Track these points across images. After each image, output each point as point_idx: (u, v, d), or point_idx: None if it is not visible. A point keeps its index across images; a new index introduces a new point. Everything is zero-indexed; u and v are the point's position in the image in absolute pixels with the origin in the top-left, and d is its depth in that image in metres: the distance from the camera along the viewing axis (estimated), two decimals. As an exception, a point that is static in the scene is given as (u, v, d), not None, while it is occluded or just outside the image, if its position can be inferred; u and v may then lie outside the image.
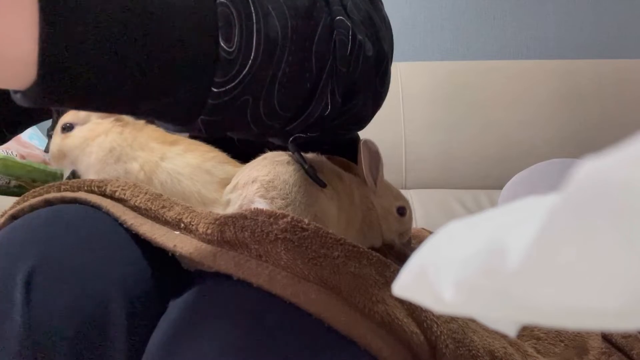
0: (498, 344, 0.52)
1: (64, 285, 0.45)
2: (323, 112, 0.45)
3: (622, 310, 0.17)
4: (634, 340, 0.65)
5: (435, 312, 0.19)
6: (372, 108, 0.53)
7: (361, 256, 0.48)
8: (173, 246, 0.48)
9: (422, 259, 0.21)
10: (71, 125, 0.66)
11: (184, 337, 0.43)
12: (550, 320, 0.19)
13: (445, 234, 0.21)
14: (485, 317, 0.21)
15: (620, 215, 0.15)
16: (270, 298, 0.43)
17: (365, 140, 0.62)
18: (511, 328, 0.21)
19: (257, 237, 0.46)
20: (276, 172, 0.58)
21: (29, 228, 0.49)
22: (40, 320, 0.44)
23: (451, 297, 0.20)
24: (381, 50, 0.50)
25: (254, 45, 0.37)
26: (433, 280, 0.20)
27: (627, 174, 0.15)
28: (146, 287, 0.50)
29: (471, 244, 0.19)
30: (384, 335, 0.45)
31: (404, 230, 0.64)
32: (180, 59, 0.34)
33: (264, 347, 0.41)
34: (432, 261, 0.21)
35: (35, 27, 0.29)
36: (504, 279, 0.18)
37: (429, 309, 0.21)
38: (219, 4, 0.35)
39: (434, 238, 0.22)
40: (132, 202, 0.53)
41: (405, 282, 0.22)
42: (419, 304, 0.22)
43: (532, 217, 0.17)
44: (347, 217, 0.61)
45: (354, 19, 0.47)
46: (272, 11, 0.38)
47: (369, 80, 0.49)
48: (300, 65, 0.41)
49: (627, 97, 1.73)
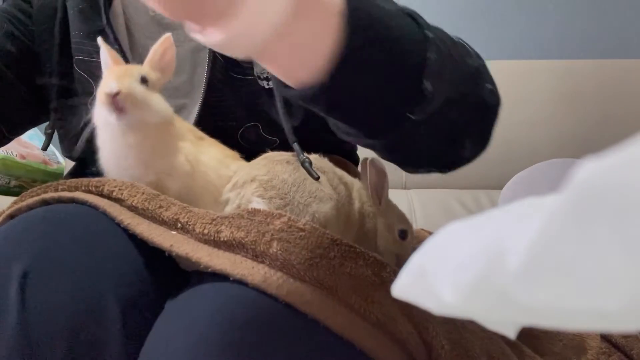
0: (495, 345, 0.52)
1: (59, 284, 0.45)
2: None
3: (622, 312, 0.17)
4: (634, 340, 0.65)
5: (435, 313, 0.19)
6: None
7: (358, 257, 0.48)
8: (170, 246, 0.48)
9: (422, 260, 0.21)
10: (147, 80, 0.60)
11: (180, 337, 0.43)
12: (550, 321, 0.19)
13: (446, 235, 0.21)
14: (484, 318, 0.21)
15: (620, 217, 0.15)
16: (266, 298, 0.43)
17: (372, 159, 0.61)
18: (511, 329, 0.21)
19: (253, 237, 0.47)
20: (275, 172, 0.58)
21: (25, 227, 0.49)
22: (35, 318, 0.44)
23: (451, 298, 0.19)
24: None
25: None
26: (433, 281, 0.20)
27: (626, 175, 0.15)
28: (142, 286, 0.50)
29: (471, 246, 0.19)
30: (380, 336, 0.45)
31: (403, 253, 0.63)
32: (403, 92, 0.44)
33: (260, 347, 0.41)
34: (432, 262, 0.21)
35: (336, 32, 0.38)
36: (504, 280, 0.18)
37: (429, 310, 0.21)
38: (427, 58, 0.44)
39: (434, 239, 0.22)
40: (129, 202, 0.53)
41: (404, 282, 0.22)
42: (418, 305, 0.22)
43: (532, 218, 0.17)
44: (346, 220, 0.61)
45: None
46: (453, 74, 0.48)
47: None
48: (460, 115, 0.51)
49: (627, 97, 1.73)
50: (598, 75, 1.76)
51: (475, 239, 0.19)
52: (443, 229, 0.22)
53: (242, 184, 0.59)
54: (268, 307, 0.43)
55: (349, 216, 0.62)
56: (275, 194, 0.56)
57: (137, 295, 0.49)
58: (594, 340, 0.62)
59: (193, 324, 0.43)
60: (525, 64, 1.80)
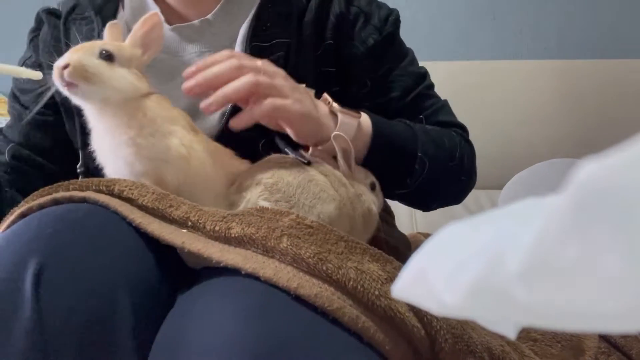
0: (496, 342, 0.53)
1: (72, 282, 0.46)
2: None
3: (621, 313, 0.17)
4: (634, 340, 0.65)
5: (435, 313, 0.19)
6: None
7: (364, 252, 0.50)
8: (182, 243, 0.49)
9: (422, 261, 0.21)
10: (111, 54, 0.60)
11: (192, 327, 0.44)
12: (549, 322, 0.19)
13: (446, 236, 0.21)
14: (484, 319, 0.21)
15: (620, 218, 0.15)
16: (276, 291, 0.44)
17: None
18: (510, 330, 0.21)
19: (263, 233, 0.48)
20: (280, 175, 0.59)
21: (39, 225, 0.49)
22: (49, 315, 0.44)
23: (451, 299, 0.19)
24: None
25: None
26: (433, 282, 0.20)
27: (626, 177, 0.15)
28: (153, 284, 0.50)
29: (471, 246, 0.19)
30: (387, 329, 0.46)
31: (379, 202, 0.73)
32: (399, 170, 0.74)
33: (268, 337, 0.41)
34: (433, 263, 0.21)
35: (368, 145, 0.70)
36: (505, 281, 0.18)
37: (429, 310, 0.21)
38: (418, 159, 0.73)
39: (434, 240, 0.22)
40: (140, 201, 0.53)
41: (404, 283, 0.22)
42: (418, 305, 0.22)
43: (532, 220, 0.17)
44: (350, 221, 0.63)
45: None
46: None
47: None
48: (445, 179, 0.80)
49: (627, 97, 1.73)
50: (598, 75, 1.76)
51: (475, 239, 0.19)
52: (443, 229, 0.22)
53: (247, 187, 0.59)
54: (279, 300, 0.44)
55: (352, 217, 0.63)
56: (280, 197, 0.58)
57: (148, 292, 0.49)
58: (592, 341, 0.63)
59: (206, 315, 0.44)
60: (525, 64, 1.80)
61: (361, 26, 0.79)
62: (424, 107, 0.83)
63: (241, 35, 0.76)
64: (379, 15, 0.81)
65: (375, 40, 0.79)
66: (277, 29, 0.76)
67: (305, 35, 0.77)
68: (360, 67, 0.79)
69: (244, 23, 0.77)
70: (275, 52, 0.74)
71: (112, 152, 0.61)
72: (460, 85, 1.74)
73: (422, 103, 0.83)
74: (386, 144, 0.71)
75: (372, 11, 0.81)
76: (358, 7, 0.80)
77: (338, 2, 0.79)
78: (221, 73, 0.58)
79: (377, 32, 0.80)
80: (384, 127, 0.72)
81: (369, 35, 0.79)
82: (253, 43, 0.75)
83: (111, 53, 0.60)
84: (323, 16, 0.78)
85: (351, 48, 0.78)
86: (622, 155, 0.15)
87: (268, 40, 0.75)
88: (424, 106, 0.83)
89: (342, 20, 0.78)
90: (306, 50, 0.77)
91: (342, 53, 0.78)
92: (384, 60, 0.81)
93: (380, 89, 0.81)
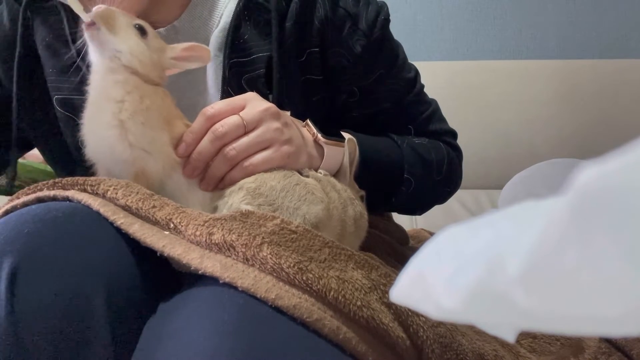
0: (488, 347, 0.52)
1: (48, 280, 0.45)
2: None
3: (621, 317, 0.17)
4: (634, 341, 0.65)
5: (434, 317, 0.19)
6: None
7: (349, 259, 0.49)
8: (162, 246, 0.48)
9: (420, 265, 0.21)
10: (143, 29, 0.59)
11: (169, 346, 0.43)
12: (549, 326, 0.19)
13: (444, 239, 0.21)
14: (484, 323, 0.21)
15: (620, 222, 0.15)
16: (255, 302, 0.43)
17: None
18: (510, 333, 0.21)
19: (244, 240, 0.47)
20: (263, 179, 0.58)
21: (17, 224, 0.48)
22: (23, 314, 0.44)
23: (450, 302, 0.19)
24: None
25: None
26: (432, 286, 0.20)
27: (626, 180, 0.15)
28: (133, 285, 0.49)
29: (471, 250, 0.19)
30: (370, 340, 0.45)
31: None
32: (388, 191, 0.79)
33: (244, 354, 0.40)
34: (431, 267, 0.21)
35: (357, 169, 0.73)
36: (504, 285, 0.18)
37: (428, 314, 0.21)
38: (405, 180, 0.78)
39: (432, 243, 0.22)
40: (123, 201, 0.52)
41: (403, 287, 0.22)
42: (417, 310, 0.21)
43: (532, 223, 0.17)
44: (341, 223, 0.62)
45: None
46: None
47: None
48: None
49: (627, 97, 1.73)
50: (598, 75, 1.76)
51: (474, 243, 0.19)
52: (441, 232, 0.22)
53: (230, 192, 0.59)
54: (257, 313, 0.43)
55: (344, 220, 0.62)
56: (263, 201, 0.57)
57: (127, 292, 0.49)
58: (592, 340, 0.62)
59: (184, 329, 0.43)
60: (525, 63, 1.80)
61: (348, 32, 0.75)
62: (413, 116, 0.82)
63: (215, 43, 0.72)
64: (366, 17, 0.76)
65: (362, 46, 0.75)
66: (256, 41, 0.72)
67: (287, 44, 0.72)
68: (348, 76, 0.76)
69: (216, 29, 0.72)
70: (257, 69, 0.71)
71: (98, 129, 0.59)
72: (460, 85, 1.74)
73: (412, 112, 0.82)
74: (373, 169, 0.73)
75: (359, 12, 0.76)
76: (344, 9, 0.75)
77: (322, 4, 0.74)
78: (208, 155, 0.59)
79: (364, 37, 0.75)
80: (370, 150, 0.72)
81: (356, 42, 0.75)
82: (232, 59, 0.71)
83: (144, 28, 0.59)
84: (307, 20, 0.73)
85: (338, 56, 0.75)
86: (621, 159, 0.15)
87: (248, 54, 0.72)
88: (414, 115, 0.82)
89: (327, 25, 0.74)
90: (290, 60, 0.73)
91: (328, 61, 0.75)
92: (374, 67, 0.78)
93: (369, 100, 0.79)
